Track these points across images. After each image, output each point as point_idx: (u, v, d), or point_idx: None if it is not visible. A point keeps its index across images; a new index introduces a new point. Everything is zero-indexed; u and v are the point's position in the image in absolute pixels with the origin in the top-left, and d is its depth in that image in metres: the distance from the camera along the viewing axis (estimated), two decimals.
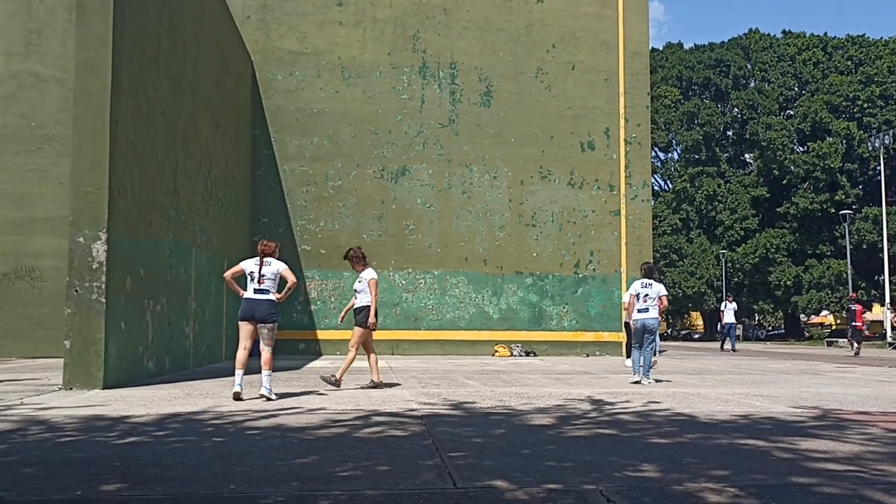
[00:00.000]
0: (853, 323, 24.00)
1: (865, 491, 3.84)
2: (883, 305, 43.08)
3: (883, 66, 51.40)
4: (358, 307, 9.51)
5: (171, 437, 5.50)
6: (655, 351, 14.64)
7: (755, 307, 55.32)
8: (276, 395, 8.27)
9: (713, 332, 63.15)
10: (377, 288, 9.59)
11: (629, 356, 14.01)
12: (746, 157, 58.56)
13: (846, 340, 25.50)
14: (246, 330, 8.18)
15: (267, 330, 8.22)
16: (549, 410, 7.27)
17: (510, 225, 20.43)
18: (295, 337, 19.56)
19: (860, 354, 23.13)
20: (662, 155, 60.76)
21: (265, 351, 8.27)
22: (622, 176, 20.70)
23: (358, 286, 9.60)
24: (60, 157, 17.01)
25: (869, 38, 55.00)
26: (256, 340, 8.30)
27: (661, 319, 13.94)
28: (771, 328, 66.32)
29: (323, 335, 19.63)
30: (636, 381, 10.70)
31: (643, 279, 11.03)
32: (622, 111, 20.85)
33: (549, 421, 6.50)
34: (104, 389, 8.92)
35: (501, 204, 20.46)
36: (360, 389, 9.40)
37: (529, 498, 3.65)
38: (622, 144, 20.76)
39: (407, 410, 7.19)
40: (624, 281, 20.31)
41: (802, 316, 55.26)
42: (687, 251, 53.81)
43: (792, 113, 53.87)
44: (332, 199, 20.10)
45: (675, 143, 58.43)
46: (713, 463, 4.57)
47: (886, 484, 4.02)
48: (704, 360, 19.58)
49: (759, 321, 67.48)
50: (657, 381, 10.97)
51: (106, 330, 9.16)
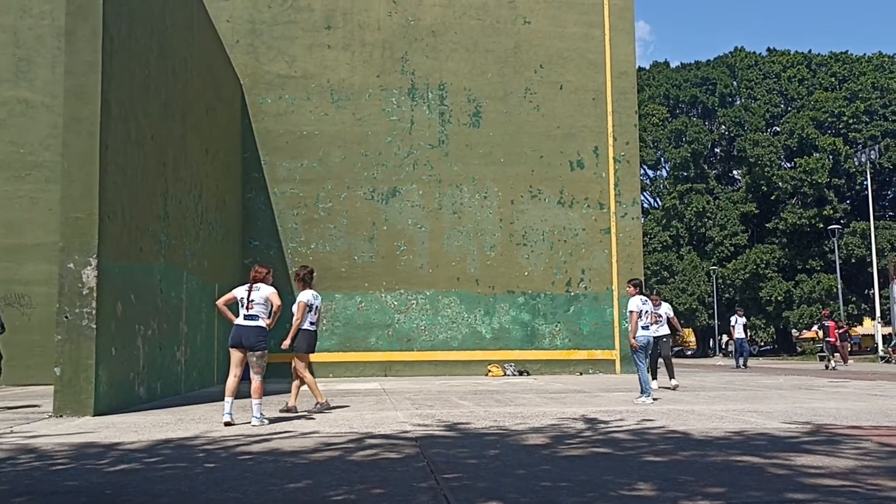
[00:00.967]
0: (827, 339, 25.45)
1: None
2: (873, 319, 43.25)
3: (867, 82, 51.99)
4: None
5: (162, 463, 5.45)
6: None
7: (746, 323, 55.42)
8: (267, 419, 8.17)
9: (705, 348, 63.22)
10: (302, 311, 9.45)
11: (654, 377, 13.66)
12: (734, 173, 58.99)
13: (826, 356, 26.17)
14: (236, 357, 8.12)
15: (256, 357, 8.12)
16: (543, 430, 7.25)
17: (501, 244, 20.46)
18: (287, 360, 19.38)
19: (837, 368, 23.80)
20: (651, 172, 61.13)
21: (255, 379, 8.15)
22: (612, 194, 20.79)
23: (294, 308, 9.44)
24: (50, 183, 16.98)
25: (852, 54, 55.71)
26: (248, 366, 8.20)
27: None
28: (763, 343, 66.41)
29: (315, 357, 19.47)
30: (653, 401, 10.46)
31: (640, 296, 10.82)
32: (610, 130, 20.98)
33: (543, 440, 6.48)
34: (95, 416, 8.85)
35: (492, 223, 20.51)
36: (352, 412, 9.34)
37: None
38: (611, 163, 20.87)
39: (401, 432, 7.16)
40: (616, 299, 20.35)
41: (794, 331, 55.39)
42: (678, 268, 53.99)
43: (778, 129, 54.35)
44: (322, 221, 20.10)
45: (663, 160, 58.81)
46: (709, 480, 4.56)
47: (881, 499, 4.02)
48: (697, 376, 19.59)
49: (750, 337, 67.54)
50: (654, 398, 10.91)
51: (96, 356, 9.10)
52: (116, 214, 9.92)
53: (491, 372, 19.38)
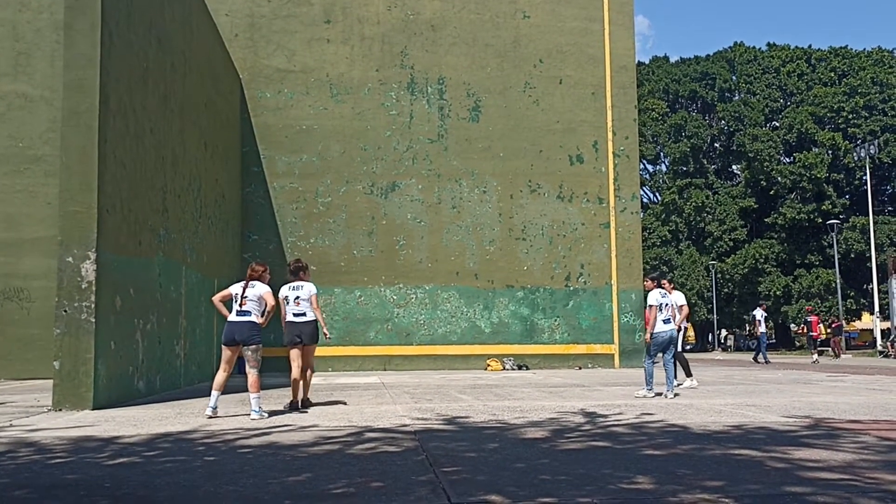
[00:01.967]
0: (810, 333, 26.53)
1: (860, 499, 3.84)
2: (872, 314, 43.31)
3: (866, 76, 51.93)
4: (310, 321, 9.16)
5: (162, 456, 5.45)
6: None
7: (745, 317, 55.47)
8: (266, 412, 8.17)
9: (704, 343, 63.28)
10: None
11: (689, 375, 12.99)
12: (734, 168, 58.96)
13: (812, 350, 26.97)
14: (227, 354, 8.16)
15: (251, 352, 8.14)
16: (542, 424, 7.25)
17: (500, 239, 20.46)
18: (285, 354, 19.43)
19: (819, 362, 24.50)
20: (651, 167, 61.10)
21: (251, 374, 8.12)
22: (611, 188, 20.79)
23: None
24: (49, 177, 16.96)
25: (852, 49, 55.61)
26: (242, 361, 8.18)
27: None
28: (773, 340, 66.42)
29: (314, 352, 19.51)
30: (655, 394, 10.34)
31: (659, 290, 10.53)
32: (610, 124, 20.97)
33: (542, 434, 6.48)
34: (94, 410, 8.86)
35: (491, 218, 20.50)
36: (351, 406, 9.35)
37: None
38: (610, 157, 20.86)
39: (400, 426, 7.16)
40: (615, 293, 20.37)
41: (793, 325, 55.40)
42: (677, 263, 54.00)
43: (777, 124, 54.31)
44: (322, 215, 20.09)
45: (662, 155, 58.78)
46: (707, 474, 4.57)
47: (880, 492, 4.02)
48: (696, 370, 19.58)
49: (749, 331, 67.63)
50: (676, 394, 10.64)
51: (96, 350, 9.10)
52: (115, 208, 9.92)
53: (490, 366, 19.40)
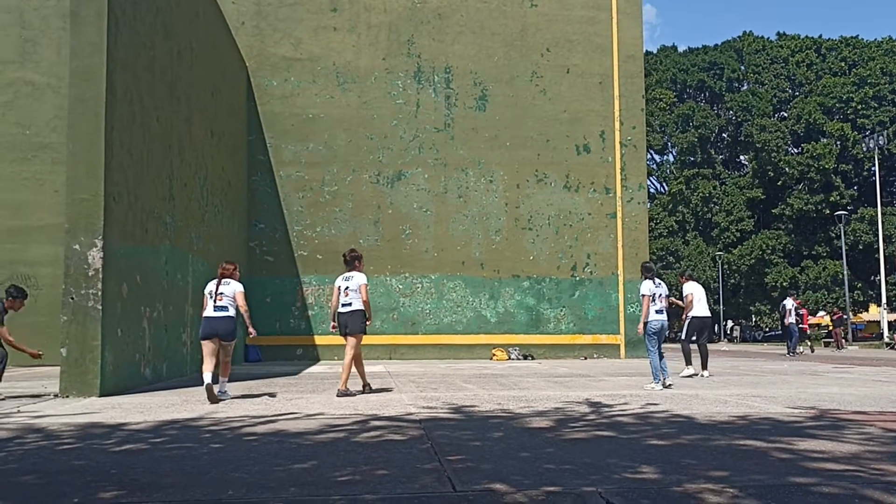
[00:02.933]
0: (800, 326, 26.23)
1: (864, 490, 3.84)
2: (879, 306, 43.18)
3: (876, 67, 51.60)
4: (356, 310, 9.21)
5: (168, 443, 5.48)
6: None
7: (752, 308, 55.41)
8: (230, 396, 8.73)
9: (711, 333, 63.17)
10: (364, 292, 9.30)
11: (689, 363, 13.15)
12: (741, 158, 58.74)
13: (805, 342, 27.22)
14: (209, 348, 8.46)
15: (230, 346, 8.69)
16: (547, 413, 7.26)
17: (506, 228, 20.44)
18: (292, 342, 19.55)
19: (803, 352, 24.87)
20: (658, 157, 60.93)
21: (225, 363, 8.67)
22: (618, 179, 20.73)
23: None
24: (56, 164, 17.00)
25: (862, 39, 55.24)
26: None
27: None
28: (768, 329, 66.33)
29: (320, 340, 19.61)
30: (669, 384, 10.29)
31: (651, 279, 10.54)
32: (617, 114, 20.89)
33: (547, 424, 6.49)
34: (101, 397, 8.90)
35: (498, 207, 20.48)
36: (355, 395, 9.37)
37: (529, 501, 3.65)
38: (617, 147, 20.80)
39: (405, 415, 7.18)
40: (621, 283, 20.34)
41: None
42: (683, 253, 53.90)
43: (786, 115, 54.06)
44: (328, 204, 20.10)
45: (670, 145, 58.59)
46: (712, 464, 4.57)
47: (885, 483, 4.02)
48: None
49: (755, 322, 67.60)
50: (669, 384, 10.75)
51: (102, 337, 9.13)
52: (122, 196, 9.93)
53: (495, 356, 19.42)
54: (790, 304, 23.21)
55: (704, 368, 13.09)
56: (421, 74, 20.65)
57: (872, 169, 46.84)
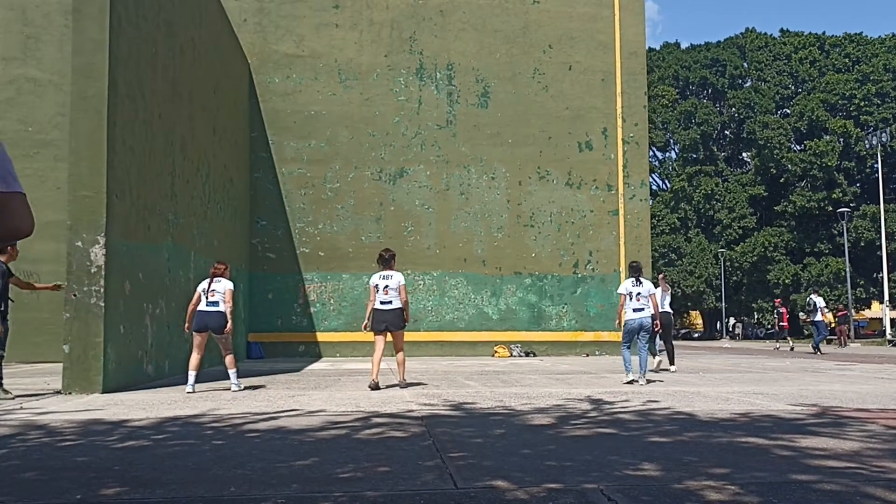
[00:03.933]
0: (781, 324, 28.25)
1: (866, 487, 3.84)
2: (882, 303, 43.13)
3: (879, 64, 51.49)
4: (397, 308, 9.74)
5: (170, 440, 5.49)
6: (655, 351, 14.66)
7: (754, 306, 55.36)
8: (245, 386, 9.42)
9: (712, 330, 63.17)
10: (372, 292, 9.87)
11: (653, 355, 13.99)
12: (744, 155, 58.68)
13: (786, 339, 28.80)
14: (198, 340, 9.18)
15: (224, 339, 9.27)
16: (548, 410, 7.27)
17: (508, 226, 20.43)
18: (294, 339, 19.57)
19: (781, 349, 26.73)
20: (660, 154, 60.87)
21: (227, 357, 9.34)
22: (620, 176, 20.71)
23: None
24: (58, 161, 17.01)
25: (866, 35, 55.12)
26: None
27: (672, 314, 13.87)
28: (770, 326, 66.28)
29: (322, 337, 19.63)
30: (630, 380, 10.55)
31: (631, 278, 10.91)
32: (619, 111, 20.87)
33: (549, 421, 6.50)
34: (103, 393, 8.92)
35: (500, 205, 20.47)
36: (359, 391, 9.39)
37: (530, 497, 3.65)
38: (620, 144, 20.78)
39: (407, 412, 7.19)
40: (623, 281, 20.31)
41: (801, 314, 55.18)
42: (685, 250, 53.87)
43: (789, 111, 53.97)
44: (330, 201, 20.10)
45: (672, 142, 58.54)
46: (713, 461, 4.57)
47: (886, 480, 4.02)
48: (704, 358, 19.59)
49: (758, 319, 67.55)
50: (650, 380, 10.90)
51: (105, 334, 9.15)
52: (124, 193, 9.94)
53: (497, 353, 19.43)
54: (821, 301, 22.89)
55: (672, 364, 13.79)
56: (423, 71, 20.64)
57: (875, 166, 46.76)
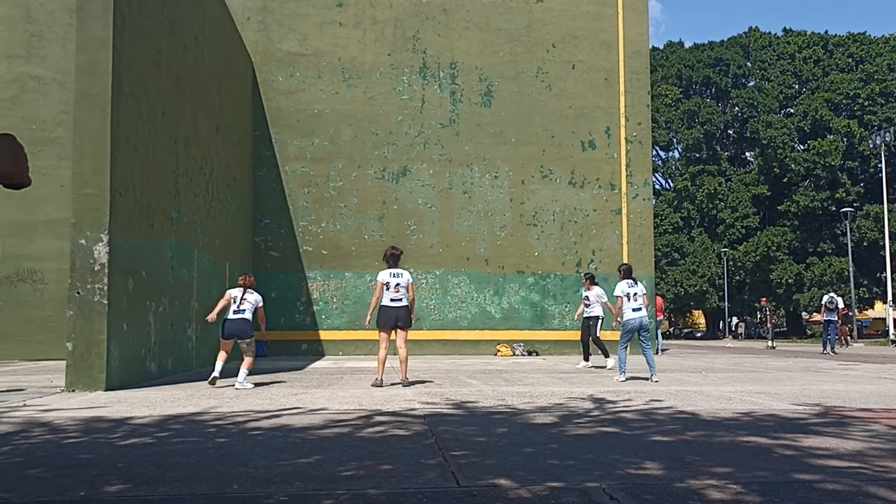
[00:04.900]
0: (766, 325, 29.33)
1: (869, 487, 3.84)
2: (885, 303, 43.06)
3: (883, 63, 51.39)
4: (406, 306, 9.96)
5: (173, 438, 5.50)
6: (658, 350, 14.70)
7: (756, 305, 55.30)
8: (251, 384, 9.65)
9: (715, 330, 63.12)
10: (378, 289, 10.12)
11: (586, 360, 14.59)
12: (747, 155, 58.60)
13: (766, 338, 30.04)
14: (225, 345, 9.91)
15: (246, 344, 9.83)
16: (551, 409, 7.27)
17: (511, 224, 20.43)
18: (297, 338, 19.58)
19: (775, 347, 27.75)
20: (663, 154, 60.81)
21: (247, 360, 9.83)
22: (623, 175, 20.70)
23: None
24: (62, 159, 17.04)
25: (870, 35, 55.01)
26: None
27: (663, 317, 14.05)
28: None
29: (325, 335, 19.65)
30: (625, 380, 10.76)
31: (627, 280, 11.07)
32: (623, 110, 20.85)
33: (551, 420, 6.50)
34: (106, 391, 8.93)
35: (503, 203, 20.47)
36: (361, 389, 9.40)
37: (532, 496, 3.65)
38: (623, 143, 20.76)
39: (409, 410, 7.19)
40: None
41: (804, 314, 55.15)
42: (688, 250, 53.82)
43: (792, 111, 53.88)
44: (333, 199, 20.11)
45: (675, 141, 58.47)
46: (716, 460, 4.57)
47: (889, 480, 4.02)
48: (707, 358, 19.57)
49: (760, 319, 67.55)
50: (640, 378, 10.92)
51: (108, 332, 9.16)
52: (128, 191, 9.96)
53: (500, 352, 19.43)
54: (841, 302, 22.59)
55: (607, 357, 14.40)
56: (426, 70, 20.63)
57: (879, 166, 46.69)
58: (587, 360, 14.68)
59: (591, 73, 20.96)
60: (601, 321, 14.42)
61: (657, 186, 59.79)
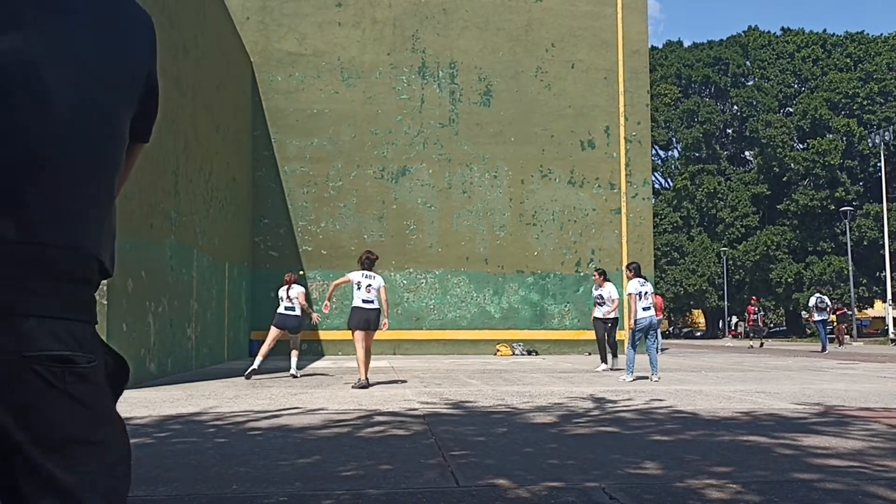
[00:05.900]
0: (749, 323, 29.68)
1: (868, 487, 3.84)
2: (884, 302, 43.08)
3: (882, 62, 51.38)
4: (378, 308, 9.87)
5: (173, 438, 5.50)
6: (659, 348, 14.69)
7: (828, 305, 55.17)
8: (299, 373, 11.24)
9: (715, 329, 63.11)
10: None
11: (604, 360, 13.94)
12: (746, 154, 58.58)
13: (750, 337, 29.93)
14: (275, 333, 10.98)
15: (295, 338, 11.25)
16: (550, 409, 7.27)
17: (511, 224, 20.42)
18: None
19: (756, 347, 28.01)
20: (663, 153, 60.78)
21: (294, 351, 11.34)
22: (622, 174, 20.69)
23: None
24: None
25: (868, 34, 54.97)
26: (258, 344, 10.60)
27: (663, 317, 13.96)
28: (773, 325, 66.25)
29: (325, 335, 19.64)
30: (633, 380, 10.63)
31: (638, 278, 11.07)
32: (622, 109, 20.85)
33: (551, 419, 6.50)
34: None
35: (502, 203, 20.46)
36: (361, 389, 9.40)
37: (532, 496, 3.65)
38: (622, 143, 20.76)
39: (409, 410, 7.19)
40: (625, 279, 20.28)
41: (804, 313, 55.13)
42: (688, 249, 53.81)
43: (791, 110, 53.86)
44: (332, 199, 20.10)
45: (675, 140, 58.46)
46: (715, 459, 4.58)
47: (889, 479, 4.02)
48: (706, 357, 19.58)
49: (746, 321, 67.52)
50: (640, 378, 10.88)
51: (107, 332, 9.15)
52: (127, 191, 9.95)
53: (499, 351, 19.43)
54: (827, 299, 23.19)
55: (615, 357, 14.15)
56: (426, 70, 20.63)
57: (878, 165, 46.64)
58: (605, 361, 14.01)
59: (590, 72, 20.95)
60: (616, 322, 14.11)
61: (656, 186, 59.74)
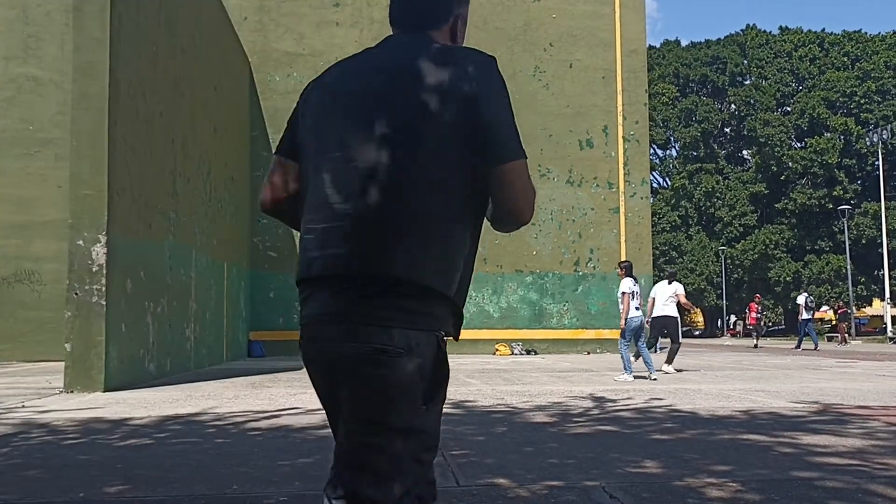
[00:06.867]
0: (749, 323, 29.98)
1: (868, 485, 3.84)
2: (883, 300, 43.13)
3: (880, 61, 51.44)
4: None
5: (172, 438, 5.50)
6: (657, 348, 14.65)
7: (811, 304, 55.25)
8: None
9: (713, 328, 63.15)
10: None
11: (669, 361, 12.48)
12: (744, 153, 58.62)
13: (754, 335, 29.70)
14: None
15: None
16: (550, 408, 7.27)
17: None
18: (296, 338, 19.17)
19: (759, 346, 27.88)
20: (661, 152, 60.80)
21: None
22: (621, 173, 20.70)
23: None
24: (59, 160, 16.99)
25: (866, 33, 55.03)
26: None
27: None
28: (771, 324, 66.26)
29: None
30: (633, 379, 10.58)
31: (630, 277, 11.10)
32: (620, 109, 20.85)
33: (550, 418, 6.50)
34: (105, 392, 8.92)
35: None
36: None
37: (532, 495, 3.66)
38: (620, 142, 20.76)
39: None
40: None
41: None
42: (686, 248, 53.83)
43: (789, 109, 53.91)
44: None
45: (673, 140, 58.48)
46: (715, 458, 4.58)
47: (888, 477, 4.02)
48: (705, 356, 19.61)
49: (744, 319, 67.50)
50: (639, 377, 10.92)
51: (106, 333, 9.15)
52: (126, 191, 9.94)
53: (498, 351, 19.42)
54: (801, 300, 24.14)
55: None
56: None
57: (876, 163, 46.69)
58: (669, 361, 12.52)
59: (588, 71, 20.95)
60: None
61: (655, 185, 59.76)
